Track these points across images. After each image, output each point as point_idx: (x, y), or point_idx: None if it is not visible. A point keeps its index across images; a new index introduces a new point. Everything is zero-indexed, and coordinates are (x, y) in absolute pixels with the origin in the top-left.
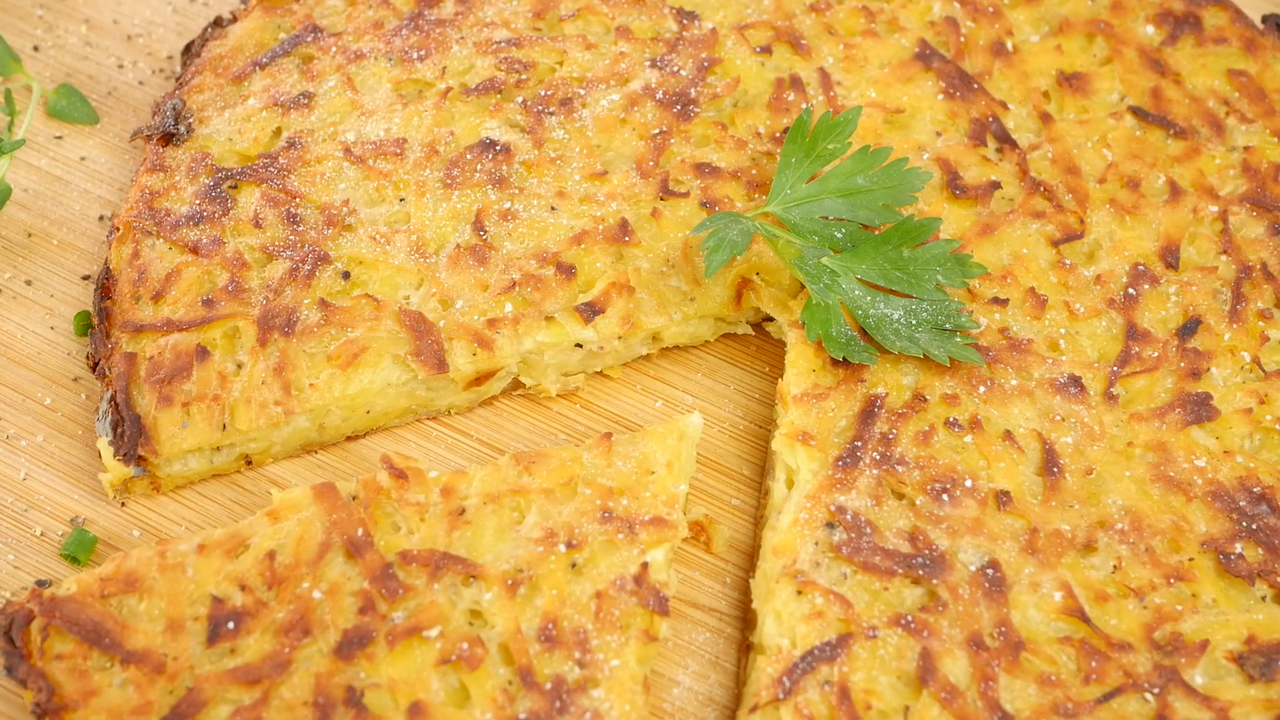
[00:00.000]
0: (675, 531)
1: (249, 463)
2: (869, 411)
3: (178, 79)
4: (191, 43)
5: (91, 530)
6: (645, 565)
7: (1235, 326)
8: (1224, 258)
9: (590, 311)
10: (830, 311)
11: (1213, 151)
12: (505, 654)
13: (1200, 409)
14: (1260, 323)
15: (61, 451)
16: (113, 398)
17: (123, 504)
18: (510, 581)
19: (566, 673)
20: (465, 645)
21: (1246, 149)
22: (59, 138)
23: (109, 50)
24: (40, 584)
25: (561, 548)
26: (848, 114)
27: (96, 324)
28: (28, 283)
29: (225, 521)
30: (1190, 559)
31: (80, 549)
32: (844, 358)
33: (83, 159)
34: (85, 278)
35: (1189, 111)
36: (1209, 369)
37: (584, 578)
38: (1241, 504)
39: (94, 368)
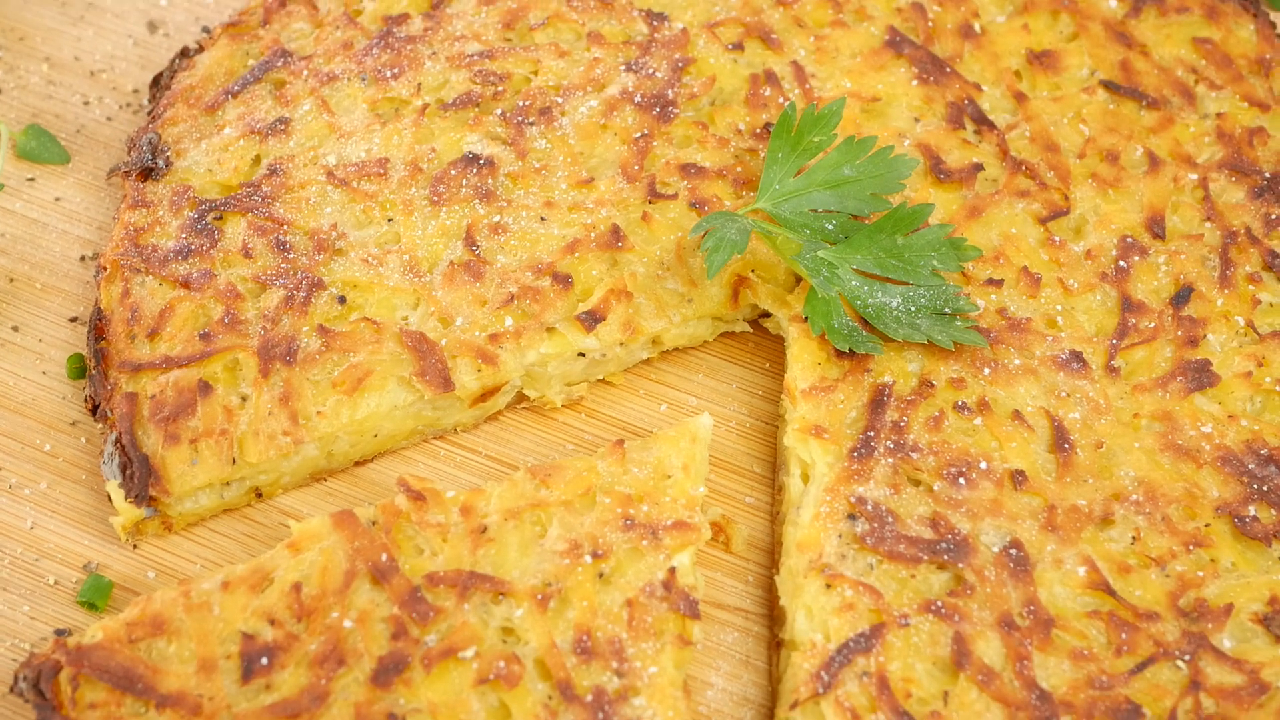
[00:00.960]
0: (698, 534)
1: (259, 495)
2: (878, 401)
3: (149, 112)
4: (160, 75)
5: (106, 575)
6: (672, 570)
7: (1226, 292)
8: (1208, 224)
9: (591, 320)
10: (831, 304)
11: (1186, 120)
12: (542, 669)
13: (1201, 375)
14: (1250, 286)
15: (67, 497)
16: (118, 439)
17: (135, 546)
18: (540, 596)
19: (606, 683)
20: (502, 663)
21: (1219, 115)
22: (31, 179)
23: (73, 88)
24: (60, 633)
25: (587, 558)
26: (832, 106)
27: (93, 366)
28: (14, 329)
29: (240, 556)
30: (1206, 525)
31: (97, 595)
32: (849, 349)
33: (58, 199)
34: (73, 320)
35: (1159, 82)
36: (1205, 335)
37: (613, 587)
38: (1250, 467)
39: (94, 411)
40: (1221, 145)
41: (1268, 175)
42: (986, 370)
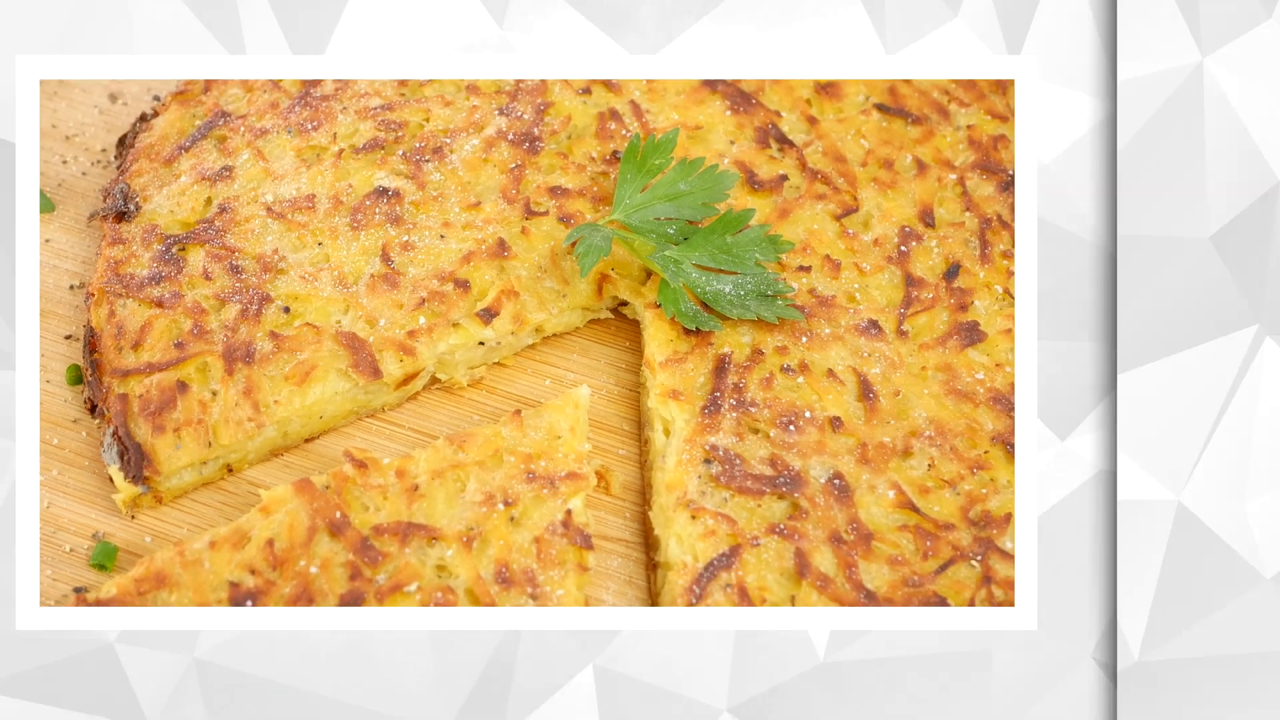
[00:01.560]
0: (587, 482)
1: (230, 470)
2: (721, 368)
3: (118, 167)
4: (124, 136)
5: (112, 541)
6: (569, 512)
7: (986, 266)
8: (968, 214)
9: (488, 315)
10: (678, 293)
11: (944, 132)
12: (472, 597)
13: (972, 334)
14: (1004, 261)
15: (75, 481)
16: (115, 432)
17: (133, 517)
18: (465, 539)
19: (523, 605)
20: (440, 594)
21: (969, 127)
22: None
23: (52, 150)
24: (78, 590)
25: (500, 506)
26: (668, 135)
27: (89, 374)
28: None
29: (219, 521)
30: (985, 452)
31: (106, 558)
32: (695, 327)
33: (48, 241)
34: (68, 337)
35: (920, 103)
36: (973, 302)
37: (522, 528)
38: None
39: (92, 410)
40: (973, 151)
41: (1010, 173)
42: (804, 339)
